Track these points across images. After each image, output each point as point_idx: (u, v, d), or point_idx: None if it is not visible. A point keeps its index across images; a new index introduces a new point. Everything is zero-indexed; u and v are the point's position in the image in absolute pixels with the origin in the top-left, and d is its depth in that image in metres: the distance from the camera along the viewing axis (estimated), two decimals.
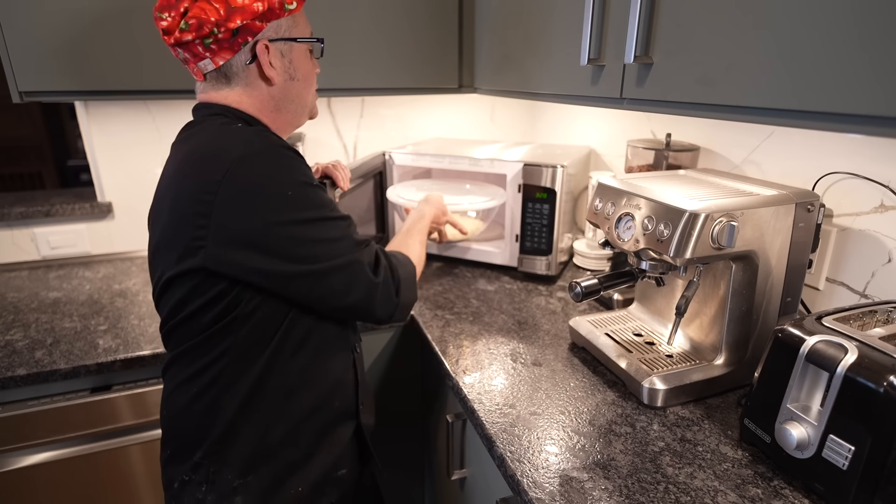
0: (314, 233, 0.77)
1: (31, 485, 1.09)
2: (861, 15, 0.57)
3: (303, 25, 0.87)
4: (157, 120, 1.58)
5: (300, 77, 0.88)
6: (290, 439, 0.85)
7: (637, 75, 0.88)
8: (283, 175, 0.75)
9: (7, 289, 1.40)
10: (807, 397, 0.70)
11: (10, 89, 1.14)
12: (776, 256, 0.87)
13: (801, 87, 0.64)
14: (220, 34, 0.78)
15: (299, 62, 0.87)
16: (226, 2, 0.77)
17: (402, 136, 1.86)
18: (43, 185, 3.94)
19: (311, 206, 0.77)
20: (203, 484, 0.82)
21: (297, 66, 0.87)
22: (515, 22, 1.24)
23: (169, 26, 0.78)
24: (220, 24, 0.77)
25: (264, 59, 0.82)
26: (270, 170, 0.74)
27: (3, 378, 1.01)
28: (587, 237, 1.53)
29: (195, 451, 0.82)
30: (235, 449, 0.82)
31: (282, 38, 0.84)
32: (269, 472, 0.83)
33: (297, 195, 0.75)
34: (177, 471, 0.84)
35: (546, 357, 1.05)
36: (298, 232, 0.75)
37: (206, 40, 0.78)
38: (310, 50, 0.90)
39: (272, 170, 0.74)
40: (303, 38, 0.87)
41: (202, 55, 0.80)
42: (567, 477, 0.74)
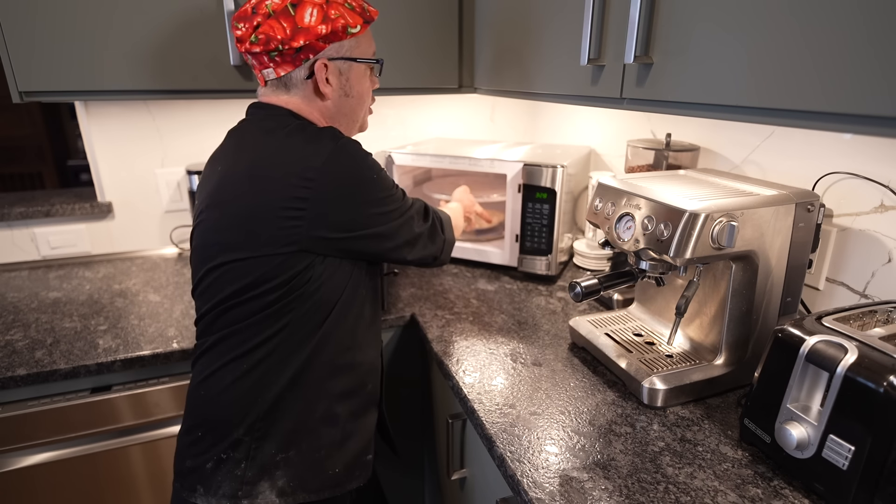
0: (391, 204, 0.88)
1: (31, 485, 1.09)
2: (861, 15, 0.57)
3: (365, 45, 0.93)
4: (157, 120, 1.58)
5: (354, 94, 0.94)
6: (331, 418, 0.89)
7: (637, 75, 0.88)
8: (368, 162, 0.85)
9: (7, 289, 1.40)
10: (807, 397, 0.70)
11: (10, 89, 1.14)
12: (776, 256, 0.87)
13: (801, 87, 0.64)
14: (284, 50, 0.85)
15: (356, 80, 0.93)
16: (293, 21, 0.84)
17: (402, 136, 1.86)
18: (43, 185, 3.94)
19: (386, 185, 0.87)
20: (243, 461, 0.84)
21: (353, 84, 0.93)
22: (515, 22, 1.24)
23: (242, 36, 0.87)
24: (285, 41, 0.84)
25: (321, 77, 0.89)
26: (359, 159, 0.84)
27: (3, 378, 1.01)
28: (587, 237, 1.53)
29: (236, 429, 0.84)
30: (280, 424, 0.85)
31: (342, 57, 0.90)
32: (310, 448, 0.87)
33: (379, 178, 0.86)
34: (210, 452, 0.85)
35: (546, 357, 1.05)
36: (383, 207, 0.86)
37: (272, 53, 0.86)
38: (370, 69, 0.97)
39: (360, 159, 0.84)
40: (362, 59, 0.93)
41: (267, 65, 0.88)
42: (567, 477, 0.74)
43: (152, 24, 1.19)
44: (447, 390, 1.16)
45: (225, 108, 1.64)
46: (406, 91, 1.47)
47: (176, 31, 1.21)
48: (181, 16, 1.20)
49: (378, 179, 0.86)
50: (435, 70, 1.46)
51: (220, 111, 1.63)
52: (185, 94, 1.27)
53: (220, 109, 1.63)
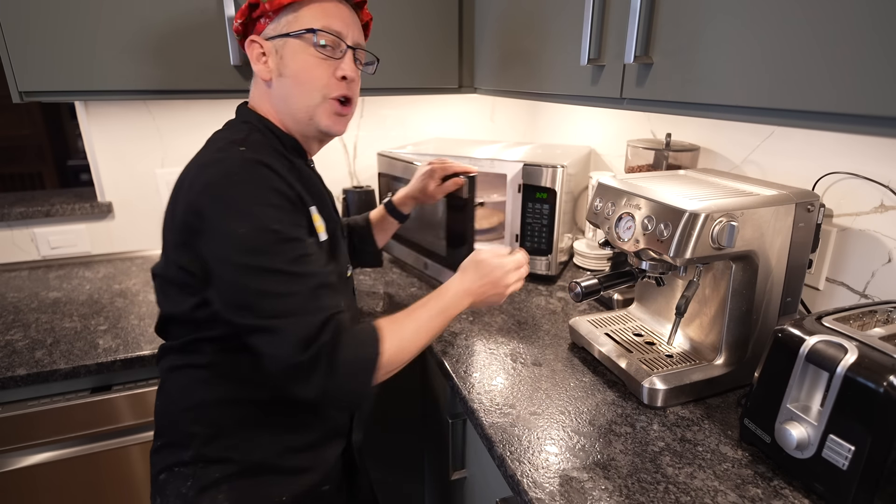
0: (262, 282, 0.71)
1: (31, 485, 1.09)
2: (861, 15, 0.57)
3: (307, 19, 0.81)
4: (157, 120, 1.58)
5: (289, 73, 0.82)
6: (279, 448, 0.84)
7: (637, 75, 0.88)
8: (238, 207, 0.71)
9: (7, 289, 1.40)
10: (807, 397, 0.70)
11: (10, 89, 1.14)
12: (776, 256, 0.87)
13: (801, 87, 0.64)
14: (239, 34, 0.85)
15: (290, 56, 0.82)
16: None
17: (402, 136, 1.86)
18: (43, 185, 3.93)
19: (259, 250, 0.71)
20: (189, 479, 0.82)
21: (287, 61, 0.82)
22: (515, 22, 1.24)
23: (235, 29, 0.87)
24: (239, 24, 0.84)
25: (252, 55, 0.84)
26: (222, 203, 0.71)
27: (3, 378, 1.01)
28: (587, 237, 1.53)
29: (187, 447, 0.83)
30: (225, 451, 0.82)
31: (278, 34, 0.82)
32: (256, 476, 0.83)
33: (248, 236, 0.71)
34: (165, 463, 0.84)
35: (546, 357, 1.05)
36: (252, 276, 0.71)
37: (238, 37, 0.86)
38: (313, 44, 0.81)
39: (222, 203, 0.71)
40: (285, 34, 0.81)
41: None
42: (567, 477, 0.74)
43: (152, 24, 1.19)
44: (447, 390, 1.16)
45: (225, 108, 1.64)
46: (406, 91, 1.47)
47: (176, 31, 1.21)
48: (181, 16, 1.20)
49: (246, 237, 0.70)
50: (435, 70, 1.46)
51: (220, 111, 1.63)
52: (185, 94, 1.27)
53: (220, 109, 1.63)
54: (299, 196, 0.79)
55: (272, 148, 0.83)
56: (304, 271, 0.73)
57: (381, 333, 0.78)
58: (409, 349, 0.81)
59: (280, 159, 0.81)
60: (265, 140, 0.84)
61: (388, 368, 0.78)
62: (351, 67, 0.84)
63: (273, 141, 0.85)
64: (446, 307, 0.87)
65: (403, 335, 0.80)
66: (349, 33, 0.84)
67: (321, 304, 0.73)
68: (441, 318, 0.85)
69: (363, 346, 0.76)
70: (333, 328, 0.73)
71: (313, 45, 0.81)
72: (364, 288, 1.39)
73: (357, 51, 0.87)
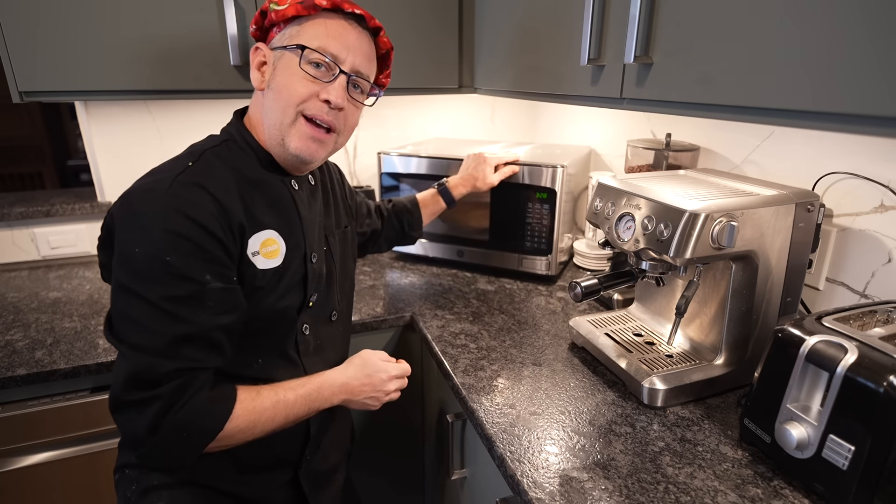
0: (133, 308, 0.69)
1: (31, 485, 1.09)
2: (861, 15, 0.57)
3: (308, 35, 0.77)
4: (157, 120, 1.58)
5: (274, 86, 0.78)
6: (216, 466, 0.81)
7: (637, 75, 0.88)
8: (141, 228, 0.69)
9: (7, 289, 1.40)
10: (807, 397, 0.70)
11: (10, 89, 1.14)
12: (776, 256, 0.87)
13: (800, 87, 0.64)
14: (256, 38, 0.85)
15: (280, 70, 0.78)
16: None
17: (402, 136, 1.86)
18: (43, 185, 3.94)
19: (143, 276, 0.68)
20: (133, 482, 0.82)
21: (277, 75, 0.78)
22: (515, 22, 1.24)
23: None
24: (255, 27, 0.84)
25: (253, 62, 0.82)
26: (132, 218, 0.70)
27: (3, 378, 1.00)
28: (587, 237, 1.53)
29: (132, 455, 0.83)
30: None
31: (280, 46, 0.79)
32: (192, 489, 0.82)
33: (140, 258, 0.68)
34: (119, 462, 0.86)
35: (546, 357, 1.05)
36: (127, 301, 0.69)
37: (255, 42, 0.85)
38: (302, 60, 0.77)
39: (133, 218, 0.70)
40: (283, 46, 0.78)
41: None
42: (567, 477, 0.74)
43: (152, 24, 1.19)
44: (447, 390, 1.16)
45: (225, 108, 1.64)
46: (406, 91, 1.47)
47: (176, 31, 1.21)
48: (181, 16, 1.20)
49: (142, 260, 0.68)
50: (435, 70, 1.46)
51: (220, 111, 1.63)
52: (185, 94, 1.27)
53: (220, 109, 1.63)
54: (233, 226, 0.74)
55: (235, 166, 0.78)
56: (177, 314, 0.68)
57: (234, 406, 0.73)
58: (262, 427, 0.76)
59: (237, 180, 0.77)
60: (232, 156, 0.80)
61: (229, 442, 0.74)
62: (338, 94, 0.78)
63: (244, 157, 0.81)
64: (317, 396, 0.82)
65: (260, 413, 0.75)
66: (349, 58, 0.79)
67: (179, 354, 0.69)
68: (306, 403, 0.81)
69: (206, 417, 0.71)
70: (180, 385, 0.69)
71: (301, 64, 0.77)
72: (363, 288, 1.39)
73: (357, 81, 0.81)
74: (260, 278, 0.78)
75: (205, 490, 0.82)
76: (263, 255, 0.78)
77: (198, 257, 0.70)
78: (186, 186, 0.71)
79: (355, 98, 0.82)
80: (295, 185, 0.86)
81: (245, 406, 0.74)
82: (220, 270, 0.72)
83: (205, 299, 0.70)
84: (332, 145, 0.83)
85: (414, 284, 1.41)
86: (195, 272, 0.70)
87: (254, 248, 0.77)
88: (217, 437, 0.72)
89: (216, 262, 0.72)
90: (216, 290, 0.71)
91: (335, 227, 0.97)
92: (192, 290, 0.69)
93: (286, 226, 0.82)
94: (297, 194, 0.86)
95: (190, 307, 0.70)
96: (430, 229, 1.49)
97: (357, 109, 0.84)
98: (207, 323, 0.71)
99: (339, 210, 1.00)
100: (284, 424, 0.79)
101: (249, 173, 0.80)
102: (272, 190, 0.82)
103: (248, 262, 0.77)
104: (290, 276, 0.82)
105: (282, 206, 0.83)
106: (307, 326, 0.88)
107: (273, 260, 0.79)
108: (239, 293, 0.75)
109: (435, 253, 1.51)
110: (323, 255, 0.91)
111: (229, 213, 0.73)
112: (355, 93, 0.82)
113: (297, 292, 0.84)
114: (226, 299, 0.73)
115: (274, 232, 0.80)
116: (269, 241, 0.79)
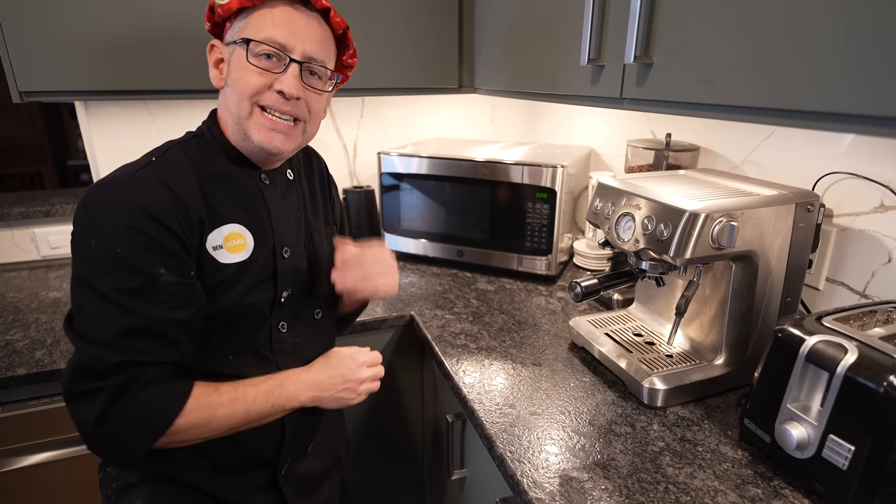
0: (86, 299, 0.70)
1: (31, 485, 1.09)
2: (862, 15, 0.57)
3: (254, 28, 0.76)
4: (157, 120, 1.58)
5: (230, 81, 0.78)
6: (191, 464, 0.81)
7: (637, 75, 0.88)
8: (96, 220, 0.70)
9: (7, 289, 1.40)
10: (807, 397, 0.70)
11: (10, 89, 1.14)
12: (776, 256, 0.87)
13: (801, 87, 0.64)
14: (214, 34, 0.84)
15: (234, 64, 0.77)
16: None
17: (402, 136, 1.86)
18: (43, 185, 3.94)
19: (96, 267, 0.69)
20: (114, 480, 0.82)
21: (231, 69, 0.78)
22: (515, 22, 1.24)
23: None
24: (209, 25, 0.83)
25: (209, 60, 0.81)
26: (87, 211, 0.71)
27: (3, 378, 1.00)
28: (587, 237, 1.53)
29: None
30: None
31: (231, 41, 0.78)
32: (169, 486, 0.81)
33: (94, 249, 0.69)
34: (102, 461, 0.86)
35: (546, 357, 1.05)
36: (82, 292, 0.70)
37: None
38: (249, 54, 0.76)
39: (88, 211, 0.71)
40: (234, 41, 0.77)
41: None
42: (567, 477, 0.74)
43: (152, 24, 1.19)
44: (447, 390, 1.16)
45: None
46: (406, 91, 1.47)
47: (176, 31, 1.21)
48: (181, 16, 1.20)
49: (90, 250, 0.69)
50: (435, 70, 1.46)
51: None
52: (185, 94, 1.27)
53: None
54: (191, 219, 0.74)
55: (200, 161, 0.79)
56: (127, 306, 0.69)
57: (188, 401, 0.72)
58: (218, 423, 0.74)
59: (200, 175, 0.77)
60: (199, 151, 0.80)
61: (184, 437, 0.73)
62: (291, 83, 0.76)
63: (211, 153, 0.81)
64: (280, 392, 0.80)
65: (215, 409, 0.74)
66: (297, 45, 0.76)
67: (127, 346, 0.69)
68: (267, 400, 0.78)
69: (153, 411, 0.70)
70: (127, 378, 0.68)
71: (248, 57, 0.75)
72: None
73: (310, 66, 0.79)
74: (222, 272, 0.77)
75: (184, 488, 0.82)
76: (228, 248, 0.78)
77: (151, 250, 0.70)
78: (144, 181, 0.72)
79: (312, 86, 0.80)
80: (266, 179, 0.85)
81: (199, 401, 0.73)
82: (175, 264, 0.72)
83: (157, 292, 0.70)
84: (301, 136, 0.82)
85: (414, 284, 1.41)
86: (147, 265, 0.70)
87: (216, 241, 0.77)
88: (168, 432, 0.71)
89: (171, 256, 0.72)
90: (169, 284, 0.71)
91: (324, 224, 0.96)
92: (144, 283, 0.69)
93: (253, 220, 0.81)
94: (266, 188, 0.84)
95: (141, 300, 0.69)
96: (430, 229, 1.49)
97: (319, 96, 0.82)
98: (160, 316, 0.70)
99: (327, 207, 0.99)
100: (247, 421, 0.77)
101: (215, 168, 0.80)
102: (238, 184, 0.81)
103: (207, 256, 0.76)
104: (258, 270, 0.81)
105: (248, 200, 0.82)
106: (284, 324, 0.86)
107: (239, 254, 0.79)
108: (197, 288, 0.75)
109: (435, 253, 1.51)
110: (302, 251, 0.89)
111: (187, 206, 0.74)
112: (312, 79, 0.80)
113: (266, 287, 0.83)
114: (181, 293, 0.72)
115: (239, 226, 0.79)
116: (234, 234, 0.79)
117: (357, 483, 1.40)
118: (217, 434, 0.76)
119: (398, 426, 1.39)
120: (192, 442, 0.75)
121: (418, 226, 1.51)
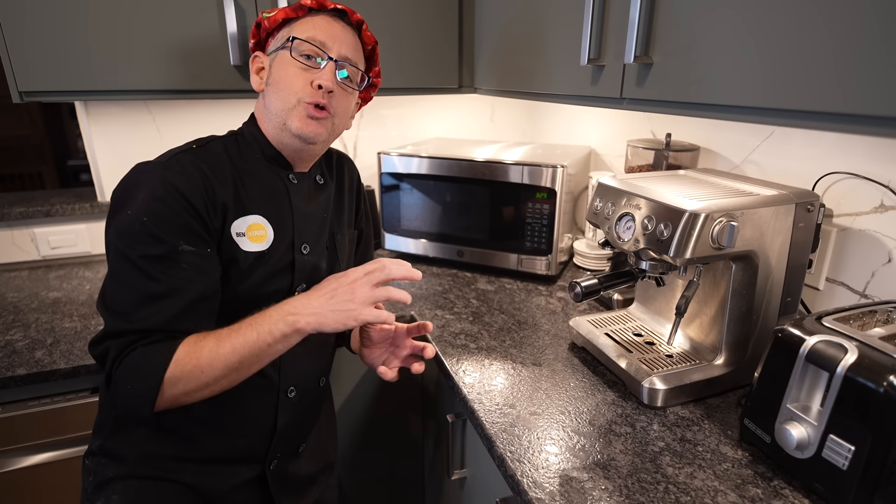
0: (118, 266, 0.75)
1: (31, 485, 1.09)
2: (862, 15, 0.57)
3: (298, 31, 0.85)
4: (157, 120, 1.58)
5: (272, 81, 0.86)
6: (174, 457, 0.83)
7: (637, 75, 0.88)
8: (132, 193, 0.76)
9: (7, 289, 1.40)
10: (807, 397, 0.70)
11: (10, 89, 1.14)
12: (776, 256, 0.87)
13: (800, 87, 0.64)
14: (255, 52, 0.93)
15: (276, 66, 0.86)
16: None
17: (402, 136, 1.86)
18: (43, 185, 3.94)
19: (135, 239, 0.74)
20: (91, 474, 0.84)
21: (273, 71, 0.86)
22: (516, 22, 1.24)
23: None
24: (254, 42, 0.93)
25: (252, 69, 0.90)
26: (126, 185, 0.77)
27: (3, 378, 1.00)
28: (587, 237, 1.53)
29: (95, 440, 0.85)
30: (124, 446, 0.83)
31: (274, 49, 0.88)
32: (148, 481, 0.82)
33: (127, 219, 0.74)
34: (86, 451, 0.88)
35: (546, 357, 1.05)
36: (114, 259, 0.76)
37: None
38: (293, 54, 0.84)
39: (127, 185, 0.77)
40: (277, 47, 0.87)
41: None
42: (567, 477, 0.74)
43: (152, 24, 1.19)
44: (447, 390, 1.17)
45: (225, 108, 1.64)
46: (406, 91, 1.47)
47: (176, 31, 1.21)
48: (181, 15, 1.20)
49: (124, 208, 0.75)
50: (435, 70, 1.46)
51: (220, 111, 1.63)
52: (185, 94, 1.27)
53: (220, 109, 1.63)
54: (216, 204, 0.79)
55: (236, 155, 0.86)
56: (151, 272, 0.73)
57: (177, 350, 0.73)
58: (208, 362, 0.73)
59: (234, 167, 0.85)
60: (237, 147, 0.88)
61: (183, 389, 0.73)
62: (328, 77, 0.83)
63: (248, 149, 0.88)
64: (262, 319, 0.74)
65: (201, 348, 0.73)
66: (335, 46, 0.85)
67: (137, 315, 0.73)
68: (251, 328, 0.73)
69: (145, 363, 0.72)
70: (122, 345, 0.73)
71: (292, 53, 0.84)
72: None
73: (344, 66, 0.86)
74: (243, 259, 0.83)
75: (163, 483, 0.83)
76: (250, 238, 0.84)
77: (174, 223, 0.75)
78: (180, 162, 0.79)
79: (345, 84, 0.88)
80: (293, 179, 0.91)
81: (187, 349, 0.73)
82: (194, 240, 0.77)
83: (179, 261, 0.75)
84: (330, 126, 0.87)
85: (414, 284, 1.41)
86: (169, 236, 0.75)
87: (240, 229, 0.83)
88: (165, 381, 0.71)
89: (191, 232, 0.77)
90: (189, 253, 0.76)
91: (347, 227, 1.02)
92: (167, 251, 0.75)
93: (276, 215, 0.87)
94: (293, 187, 0.91)
95: (164, 266, 0.74)
96: (430, 229, 1.49)
97: (348, 95, 0.89)
98: (181, 286, 0.75)
99: (352, 212, 1.05)
100: (240, 358, 0.73)
101: (248, 164, 0.87)
102: (267, 181, 0.88)
103: (230, 241, 0.82)
104: (276, 262, 0.86)
105: (274, 196, 0.88)
106: None
107: (259, 244, 0.85)
108: (215, 259, 0.80)
109: (435, 253, 1.51)
110: (323, 250, 0.94)
111: (216, 191, 0.80)
112: (345, 80, 0.88)
113: (282, 279, 0.88)
114: (201, 264, 0.78)
115: (261, 218, 0.85)
116: (256, 225, 0.85)
117: (357, 483, 1.40)
118: (216, 380, 0.73)
119: (398, 426, 1.39)
120: (194, 396, 0.74)
121: (418, 226, 1.51)
